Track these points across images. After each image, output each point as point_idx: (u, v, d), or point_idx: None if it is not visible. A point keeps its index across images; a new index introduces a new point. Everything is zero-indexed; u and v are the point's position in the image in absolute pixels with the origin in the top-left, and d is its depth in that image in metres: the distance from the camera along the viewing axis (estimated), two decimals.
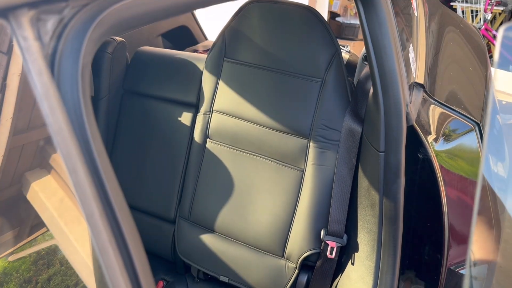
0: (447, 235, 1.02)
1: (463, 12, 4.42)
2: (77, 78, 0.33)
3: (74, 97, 0.34)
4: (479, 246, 0.85)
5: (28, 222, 0.55)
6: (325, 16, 3.46)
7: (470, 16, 4.39)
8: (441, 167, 1.01)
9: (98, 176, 0.34)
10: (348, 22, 3.67)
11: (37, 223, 0.54)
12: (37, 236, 0.55)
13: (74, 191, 0.32)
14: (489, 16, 4.23)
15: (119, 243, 0.34)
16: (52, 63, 0.34)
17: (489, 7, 4.24)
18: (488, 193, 0.89)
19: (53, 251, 0.56)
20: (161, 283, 1.42)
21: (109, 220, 0.34)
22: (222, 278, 1.32)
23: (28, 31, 0.32)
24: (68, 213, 0.49)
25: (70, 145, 0.32)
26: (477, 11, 4.34)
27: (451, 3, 4.49)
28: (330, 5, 3.66)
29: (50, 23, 0.34)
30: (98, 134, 0.35)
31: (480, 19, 4.30)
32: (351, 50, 1.76)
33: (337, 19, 3.68)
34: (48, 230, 0.54)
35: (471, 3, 4.35)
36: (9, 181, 0.50)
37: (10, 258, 0.54)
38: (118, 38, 1.48)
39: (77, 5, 0.35)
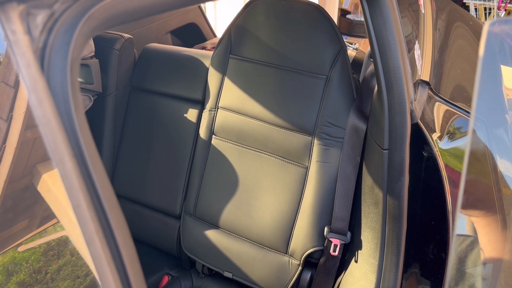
0: (451, 234, 1.02)
1: (476, 9, 4.35)
2: (66, 72, 0.34)
3: (64, 90, 0.34)
4: (485, 245, 0.84)
5: (39, 213, 0.55)
6: (335, 13, 3.43)
7: (483, 14, 4.33)
8: (446, 165, 1.00)
9: (86, 167, 0.35)
10: (358, 19, 3.63)
11: (48, 214, 0.55)
12: (47, 227, 0.55)
13: (61, 182, 0.33)
14: (502, 14, 4.17)
15: (106, 234, 0.35)
16: (42, 56, 0.34)
17: (503, 4, 4.17)
18: (494, 192, 0.88)
19: (64, 242, 0.56)
20: (166, 278, 1.43)
21: (97, 211, 0.34)
22: (226, 274, 1.32)
23: (17, 25, 0.33)
24: None
25: (57, 137, 0.33)
26: (490, 9, 4.28)
27: (464, 0, 4.43)
28: (340, 3, 3.63)
29: (40, 17, 0.34)
30: (87, 127, 0.36)
31: (493, 17, 4.24)
32: (360, 47, 1.75)
33: (348, 16, 3.65)
34: (58, 221, 0.55)
35: (484, 0, 4.29)
36: (20, 173, 0.51)
37: (20, 249, 0.55)
38: (126, 35, 1.49)
39: (68, 0, 0.36)
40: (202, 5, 2.23)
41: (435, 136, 1.01)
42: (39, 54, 0.34)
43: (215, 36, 2.33)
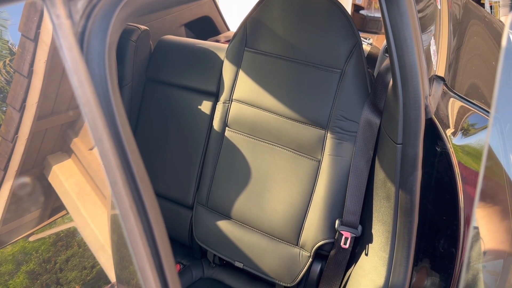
0: (462, 229, 1.02)
1: (491, 7, 4.31)
2: (104, 55, 0.36)
3: (101, 73, 0.36)
4: (495, 241, 0.85)
5: (49, 204, 0.57)
6: (349, 8, 3.42)
7: (499, 11, 4.28)
8: (459, 161, 1.01)
9: (122, 146, 0.36)
10: (372, 15, 3.62)
11: (58, 206, 0.56)
12: (57, 219, 0.57)
13: (100, 159, 0.35)
14: None
15: (139, 209, 0.36)
16: (81, 40, 0.36)
17: None
18: (507, 187, 0.88)
19: (72, 233, 0.58)
20: (177, 267, 1.45)
21: (131, 188, 0.36)
22: (237, 264, 1.34)
23: (61, 10, 0.34)
24: (87, 197, 0.52)
25: (96, 116, 0.35)
26: None
27: None
28: None
29: (81, 3, 0.36)
30: (122, 108, 0.38)
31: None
32: (374, 43, 1.75)
33: (361, 12, 3.64)
34: (67, 213, 0.56)
35: None
36: (32, 163, 0.53)
37: (31, 239, 0.56)
38: (142, 27, 1.51)
39: None
40: None
41: (449, 131, 1.02)
42: (79, 38, 0.36)
43: (228, 29, 2.34)
